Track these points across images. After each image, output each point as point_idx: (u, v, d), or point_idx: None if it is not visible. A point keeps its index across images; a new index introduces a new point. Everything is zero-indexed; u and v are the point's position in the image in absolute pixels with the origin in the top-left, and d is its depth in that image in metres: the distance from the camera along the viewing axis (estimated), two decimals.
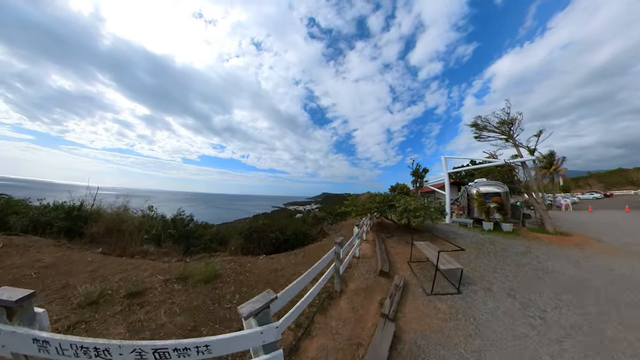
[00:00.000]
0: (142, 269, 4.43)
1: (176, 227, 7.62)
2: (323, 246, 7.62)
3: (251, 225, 7.41)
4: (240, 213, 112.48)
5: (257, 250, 7.21)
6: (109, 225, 7.45)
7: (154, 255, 6.37)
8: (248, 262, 5.23)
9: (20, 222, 6.92)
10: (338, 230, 12.56)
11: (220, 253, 7.17)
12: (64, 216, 7.31)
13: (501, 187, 11.38)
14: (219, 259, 5.73)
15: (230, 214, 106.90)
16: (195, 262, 5.16)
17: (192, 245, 7.66)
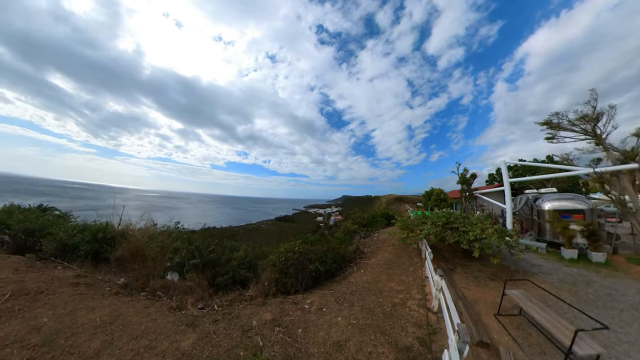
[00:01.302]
0: (162, 331, 4.05)
1: (201, 255, 7.53)
2: (374, 283, 7.04)
3: (287, 257, 7.05)
4: (262, 215, 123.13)
5: (296, 285, 6.84)
6: (133, 250, 7.59)
7: (177, 291, 6.28)
8: (296, 321, 4.62)
9: (49, 245, 7.23)
10: (376, 251, 11.99)
11: (252, 289, 6.92)
12: (90, 239, 7.54)
13: (584, 203, 10.08)
14: (252, 309, 5.25)
15: (253, 215, 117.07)
16: (227, 321, 4.60)
17: (219, 273, 7.53)
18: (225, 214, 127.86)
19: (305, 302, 5.62)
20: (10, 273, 5.61)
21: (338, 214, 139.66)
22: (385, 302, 5.42)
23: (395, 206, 68.12)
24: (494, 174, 37.15)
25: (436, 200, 26.33)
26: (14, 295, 4.59)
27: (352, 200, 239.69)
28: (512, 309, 5.30)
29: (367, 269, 8.51)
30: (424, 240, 9.11)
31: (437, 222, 9.02)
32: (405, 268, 8.17)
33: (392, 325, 4.42)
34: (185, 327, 4.25)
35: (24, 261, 6.64)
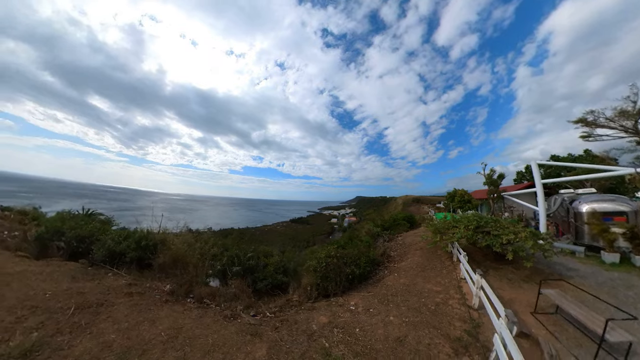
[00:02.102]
0: (230, 343, 4.46)
1: (240, 261, 8.49)
2: (412, 285, 7.77)
3: (328, 262, 7.94)
4: (277, 217, 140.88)
5: (335, 288, 7.74)
6: (174, 256, 8.67)
7: (223, 298, 7.09)
8: (349, 322, 5.32)
9: (99, 253, 8.40)
10: (404, 254, 12.68)
11: (296, 293, 7.82)
12: (134, 246, 8.67)
13: (627, 204, 10.44)
14: (306, 314, 5.92)
15: (269, 217, 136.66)
16: (287, 327, 5.11)
17: (258, 279, 8.48)
18: (242, 215, 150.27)
19: (350, 304, 6.47)
20: (69, 281, 6.46)
21: (352, 216, 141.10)
22: (428, 302, 6.24)
23: (413, 208, 67.79)
24: (523, 172, 36.42)
25: (460, 201, 26.62)
26: (78, 308, 5.09)
27: (366, 202, 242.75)
28: (548, 308, 5.98)
29: (401, 272, 9.30)
30: (455, 243, 9.78)
31: (469, 225, 9.68)
32: (438, 271, 8.91)
33: (440, 321, 5.27)
34: (251, 336, 4.77)
35: (78, 268, 7.70)
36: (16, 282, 5.82)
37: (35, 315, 4.65)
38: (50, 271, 6.88)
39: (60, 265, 7.59)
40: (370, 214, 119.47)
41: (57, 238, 8.95)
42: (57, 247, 8.88)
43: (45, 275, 6.56)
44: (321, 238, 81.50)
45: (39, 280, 6.17)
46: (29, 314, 4.67)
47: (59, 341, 4.09)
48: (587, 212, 10.72)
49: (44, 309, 4.88)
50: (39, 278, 6.28)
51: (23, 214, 13.07)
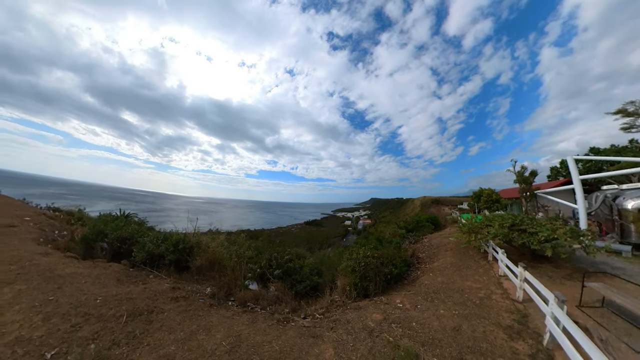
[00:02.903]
0: (295, 347, 4.68)
1: (278, 264, 9.18)
2: (450, 283, 8.28)
3: (367, 262, 8.54)
4: (291, 219, 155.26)
5: (375, 288, 8.37)
6: (210, 259, 9.46)
7: (266, 301, 7.64)
8: (403, 318, 5.85)
9: (140, 255, 9.34)
10: (433, 256, 13.16)
11: (338, 294, 8.41)
12: (173, 249, 9.55)
13: None
14: (355, 313, 6.42)
15: (283, 219, 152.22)
16: (342, 327, 5.44)
17: (296, 281, 9.14)
18: (258, 217, 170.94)
19: (395, 302, 7.12)
20: (115, 284, 6.96)
21: (367, 218, 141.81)
22: (471, 297, 6.83)
23: (433, 209, 67.20)
24: (558, 168, 35.49)
25: (487, 201, 26.60)
26: (130, 315, 5.27)
27: (381, 203, 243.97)
28: (594, 302, 6.42)
29: (436, 272, 9.86)
30: (490, 242, 10.22)
31: (503, 224, 10.10)
32: (474, 270, 9.43)
33: (488, 313, 5.88)
34: (313, 339, 5.08)
35: (122, 270, 8.49)
36: (68, 286, 6.22)
37: (90, 324, 4.82)
38: (97, 274, 7.54)
39: (106, 267, 8.41)
40: (386, 217, 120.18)
41: (100, 239, 10.04)
42: (101, 248, 9.97)
43: (93, 277, 7.15)
44: (335, 240, 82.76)
45: (88, 283, 6.67)
46: (83, 322, 4.85)
47: (118, 355, 4.16)
48: (633, 209, 10.90)
49: (97, 317, 5.08)
50: (88, 281, 6.80)
51: (70, 215, 15.12)
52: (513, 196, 25.99)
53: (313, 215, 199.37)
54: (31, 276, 6.41)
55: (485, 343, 4.66)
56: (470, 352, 4.42)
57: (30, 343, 4.17)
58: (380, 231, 47.70)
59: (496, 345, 4.62)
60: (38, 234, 10.27)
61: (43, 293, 5.66)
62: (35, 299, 5.36)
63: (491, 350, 4.47)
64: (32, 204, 16.01)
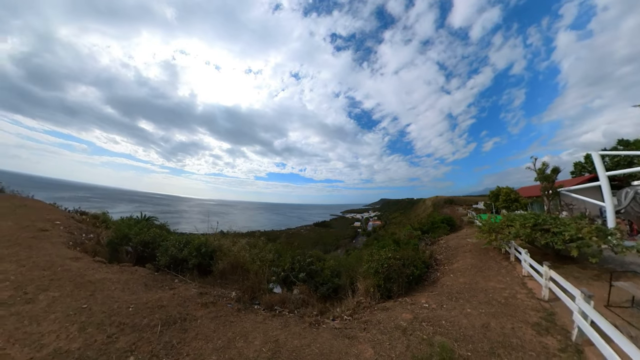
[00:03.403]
0: (335, 350, 4.87)
1: (301, 267, 9.67)
2: (473, 284, 8.63)
3: (390, 264, 8.93)
4: (300, 221, 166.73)
5: (398, 289, 8.73)
6: (233, 263, 9.95)
7: (292, 304, 8.03)
8: (431, 317, 6.20)
9: (163, 259, 9.91)
10: (451, 257, 13.43)
11: (362, 296, 8.77)
12: (195, 253, 10.08)
13: None
14: (384, 313, 6.91)
15: (292, 221, 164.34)
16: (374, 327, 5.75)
17: (318, 283, 9.61)
18: (268, 219, 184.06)
19: (420, 302, 7.53)
20: (144, 290, 7.26)
21: (376, 219, 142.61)
22: (496, 296, 7.21)
23: (447, 210, 66.73)
24: (583, 163, 34.63)
25: (505, 200, 26.56)
26: (164, 325, 5.36)
27: (391, 204, 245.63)
28: (623, 303, 6.67)
29: (457, 273, 10.22)
30: (512, 242, 10.47)
31: (525, 223, 10.33)
32: (496, 270, 9.75)
33: (514, 311, 6.26)
34: (348, 340, 5.39)
35: (147, 274, 8.98)
36: (99, 293, 6.48)
37: (125, 334, 4.92)
38: (125, 279, 7.91)
39: (132, 272, 8.89)
40: (397, 217, 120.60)
41: (125, 243, 10.71)
42: (126, 252, 10.64)
43: (122, 283, 7.48)
44: (344, 242, 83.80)
45: (118, 289, 6.95)
46: (119, 332, 4.95)
47: None
48: None
49: (132, 326, 5.18)
50: (117, 287, 7.10)
51: (95, 218, 16.34)
52: (534, 195, 25.88)
53: (322, 216, 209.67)
54: (64, 282, 6.73)
55: (514, 338, 5.05)
56: (501, 346, 4.82)
57: (69, 356, 4.25)
58: (391, 232, 47.95)
59: (525, 340, 5.01)
60: (68, 237, 10.97)
61: (76, 300, 5.90)
62: (69, 307, 5.56)
63: (521, 345, 4.86)
64: (61, 207, 17.29)
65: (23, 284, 6.24)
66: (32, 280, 6.51)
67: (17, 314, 5.00)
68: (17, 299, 5.51)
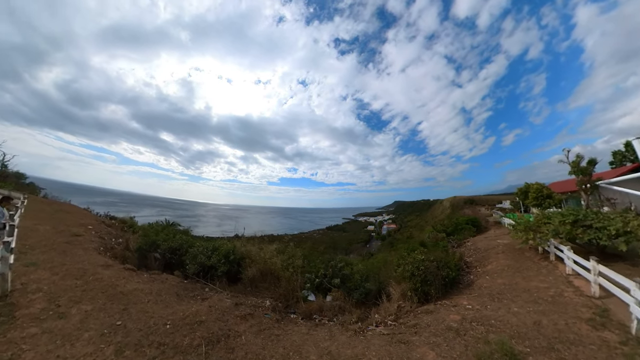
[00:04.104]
0: (395, 356, 4.91)
1: (335, 273, 9.84)
2: (513, 284, 8.76)
3: (427, 266, 9.09)
4: (312, 225, 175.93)
5: (435, 292, 8.86)
6: (263, 270, 10.20)
7: (330, 311, 8.08)
8: (479, 317, 6.38)
9: (192, 267, 10.32)
10: (482, 259, 13.48)
11: (401, 300, 8.88)
12: (224, 260, 10.41)
13: None
14: (430, 317, 6.91)
15: (304, 225, 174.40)
16: (424, 330, 5.88)
17: (350, 289, 9.74)
18: (280, 223, 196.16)
19: (462, 304, 7.76)
20: (176, 301, 7.22)
21: (391, 222, 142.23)
22: (541, 295, 7.41)
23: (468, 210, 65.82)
24: (623, 151, 31.34)
25: (536, 197, 26.10)
26: (208, 344, 5.17)
27: (406, 206, 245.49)
28: None
29: (493, 275, 10.39)
30: (551, 240, 10.50)
31: (564, 220, 10.38)
32: (536, 270, 9.91)
33: (564, 309, 6.46)
34: (404, 345, 5.52)
35: (178, 283, 9.18)
36: (132, 306, 6.33)
37: (167, 357, 4.67)
38: (157, 289, 7.89)
39: (163, 281, 9.10)
40: (413, 220, 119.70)
41: (153, 249, 11.26)
42: (154, 258, 11.18)
43: (154, 295, 7.39)
44: (358, 246, 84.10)
45: (151, 302, 6.84)
46: (160, 355, 4.66)
47: None
48: None
49: (173, 347, 4.92)
50: (150, 299, 6.99)
51: (123, 222, 17.85)
52: (568, 190, 25.39)
53: (334, 220, 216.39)
54: (96, 294, 6.68)
55: (571, 334, 5.27)
56: (558, 342, 5.05)
57: None
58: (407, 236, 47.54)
59: (582, 335, 5.22)
60: (98, 242, 11.62)
61: (110, 316, 5.71)
62: (103, 323, 5.34)
63: (579, 340, 5.08)
64: (93, 212, 19.34)
65: (56, 295, 6.16)
66: (65, 290, 6.46)
67: (50, 331, 4.78)
68: (50, 313, 5.36)
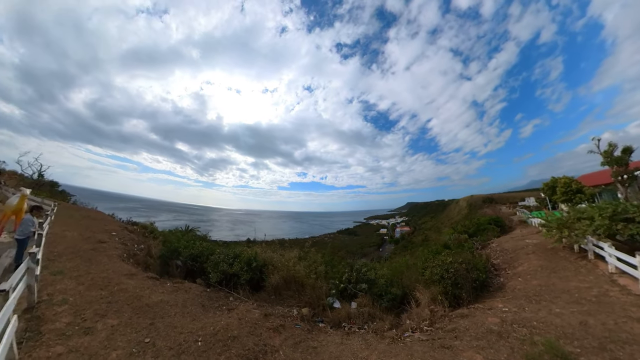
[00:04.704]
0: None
1: (359, 278, 9.80)
2: (550, 285, 8.78)
3: (457, 268, 9.10)
4: (323, 229, 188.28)
5: (467, 295, 8.90)
6: (286, 277, 10.38)
7: (360, 319, 8.09)
8: (518, 319, 6.45)
9: (215, 275, 10.55)
10: (511, 260, 13.41)
11: (434, 305, 8.87)
12: (246, 268, 10.55)
13: None
14: (466, 321, 6.89)
15: (315, 229, 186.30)
16: (464, 335, 5.91)
17: (376, 295, 9.80)
18: (291, 227, 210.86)
19: (497, 307, 7.81)
20: (202, 312, 7.36)
21: (404, 225, 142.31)
22: (584, 295, 7.44)
23: (488, 209, 65.00)
24: None
25: (565, 192, 25.16)
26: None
27: (419, 208, 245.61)
28: None
29: (525, 276, 10.43)
30: (589, 237, 10.46)
31: (602, 214, 10.15)
32: (574, 270, 9.92)
33: (611, 308, 6.49)
34: (447, 349, 5.62)
35: (201, 292, 9.35)
36: (159, 320, 6.32)
37: None
38: (182, 300, 8.02)
39: (187, 290, 9.21)
40: (427, 222, 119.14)
41: (175, 257, 11.69)
42: (176, 265, 11.60)
43: (180, 306, 7.47)
44: (370, 250, 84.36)
45: (178, 314, 6.90)
46: None
47: None
48: None
49: None
50: (177, 312, 7.04)
51: (144, 228, 19.20)
52: (601, 182, 24.71)
53: (345, 224, 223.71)
54: (121, 306, 6.72)
55: (623, 333, 5.34)
56: (610, 341, 5.12)
57: None
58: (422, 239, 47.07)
59: (636, 334, 5.28)
60: (122, 249, 12.20)
61: (137, 332, 5.70)
62: (130, 340, 5.31)
63: (633, 339, 5.14)
64: (117, 217, 21.49)
65: (81, 307, 6.21)
66: (90, 302, 6.54)
67: (76, 349, 4.73)
68: (76, 328, 5.37)
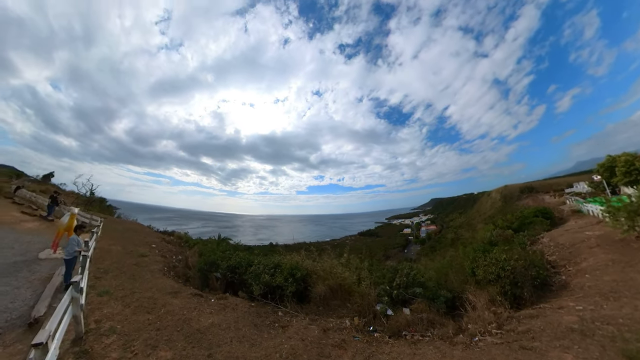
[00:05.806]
0: None
1: (409, 282, 10.00)
2: (628, 281, 8.72)
3: (514, 266, 9.12)
4: (344, 231, 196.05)
5: (529, 295, 8.97)
6: (332, 285, 10.66)
7: (420, 325, 8.10)
8: (597, 317, 6.48)
9: (257, 288, 10.97)
10: (570, 256, 13.19)
11: (497, 306, 8.82)
12: (291, 279, 10.61)
13: None
14: (538, 321, 7.15)
15: (335, 231, 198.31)
16: (541, 335, 6.12)
17: (429, 298, 9.85)
18: (311, 230, 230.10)
19: (567, 305, 7.91)
20: (257, 333, 7.44)
21: (430, 223, 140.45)
22: None
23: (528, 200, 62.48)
24: None
25: (627, 172, 22.43)
26: None
27: (445, 204, 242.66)
28: None
29: (593, 272, 10.35)
30: None
31: None
32: None
33: None
34: (531, 351, 5.83)
35: (249, 308, 9.45)
36: (217, 350, 6.28)
37: None
38: (233, 321, 8.08)
39: (234, 308, 9.42)
40: (456, 219, 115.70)
41: (214, 269, 12.27)
42: (215, 278, 12.16)
43: (232, 329, 7.50)
44: (395, 252, 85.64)
45: (234, 340, 6.89)
46: None
47: None
48: None
49: None
50: (232, 337, 7.05)
51: (180, 238, 21.73)
52: None
53: (366, 225, 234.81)
54: (171, 333, 6.79)
55: None
56: None
57: None
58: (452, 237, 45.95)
59: None
60: (162, 262, 13.13)
61: None
62: None
63: None
64: (154, 228, 25.01)
65: (130, 337, 6.27)
66: (139, 330, 6.61)
67: None
68: None
